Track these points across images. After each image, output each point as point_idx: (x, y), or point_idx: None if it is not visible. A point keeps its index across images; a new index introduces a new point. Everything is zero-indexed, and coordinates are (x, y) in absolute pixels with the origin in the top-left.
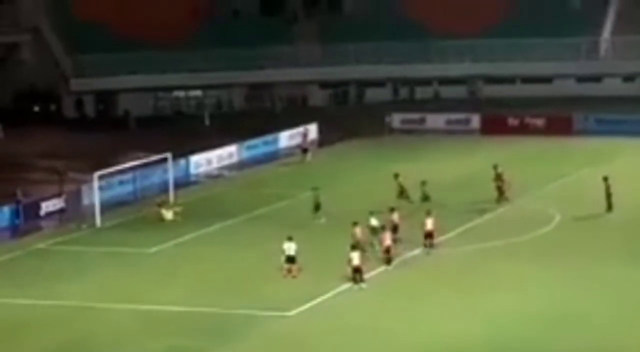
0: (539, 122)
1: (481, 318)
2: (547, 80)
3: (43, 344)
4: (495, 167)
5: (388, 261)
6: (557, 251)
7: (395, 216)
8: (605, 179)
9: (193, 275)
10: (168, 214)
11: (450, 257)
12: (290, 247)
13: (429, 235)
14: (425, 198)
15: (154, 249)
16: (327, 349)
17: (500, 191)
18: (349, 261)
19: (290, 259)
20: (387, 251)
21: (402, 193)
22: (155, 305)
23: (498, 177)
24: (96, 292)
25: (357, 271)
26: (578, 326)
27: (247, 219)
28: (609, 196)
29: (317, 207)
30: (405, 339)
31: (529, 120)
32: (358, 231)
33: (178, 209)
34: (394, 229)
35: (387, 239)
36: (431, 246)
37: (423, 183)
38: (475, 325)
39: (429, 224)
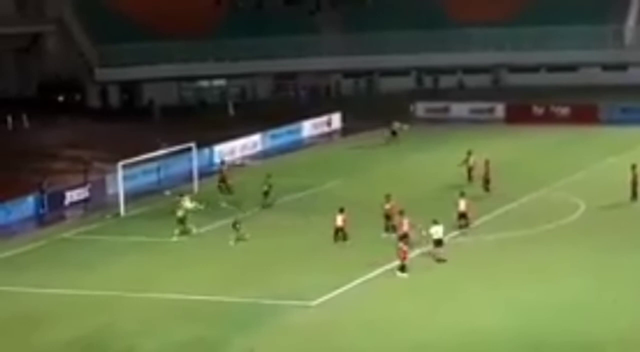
0: (564, 111)
1: (507, 309)
2: (572, 68)
3: (67, 334)
4: (469, 152)
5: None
6: (582, 240)
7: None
8: (634, 167)
9: (216, 264)
10: (187, 204)
11: (475, 247)
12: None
13: (462, 216)
14: (487, 180)
15: (177, 238)
16: (349, 339)
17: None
18: (399, 250)
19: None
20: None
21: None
22: (179, 294)
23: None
24: (120, 282)
25: (404, 259)
26: (605, 315)
27: (271, 209)
28: (635, 184)
29: (266, 193)
30: (429, 331)
31: (553, 109)
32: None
33: (201, 206)
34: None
35: (405, 224)
36: (466, 226)
37: (486, 163)
38: (501, 316)
39: (462, 205)
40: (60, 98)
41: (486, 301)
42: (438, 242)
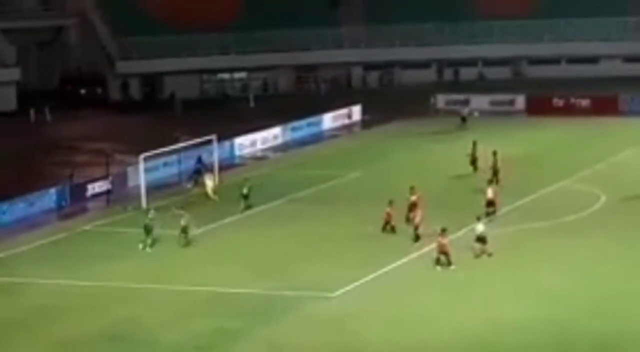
0: (585, 102)
1: (531, 300)
2: (592, 60)
3: (90, 326)
4: (474, 143)
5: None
6: (603, 231)
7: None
8: None
9: (237, 256)
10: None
11: (497, 238)
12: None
13: (490, 203)
14: (495, 171)
15: (198, 231)
16: (370, 330)
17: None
18: (438, 245)
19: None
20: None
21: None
22: (200, 286)
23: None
24: (141, 274)
25: (445, 253)
26: (629, 306)
27: (291, 201)
28: None
29: (245, 197)
30: (451, 323)
31: (574, 100)
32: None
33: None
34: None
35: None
36: (493, 213)
37: (494, 153)
38: (524, 307)
39: (490, 193)
40: (82, 91)
41: (509, 292)
42: (481, 239)
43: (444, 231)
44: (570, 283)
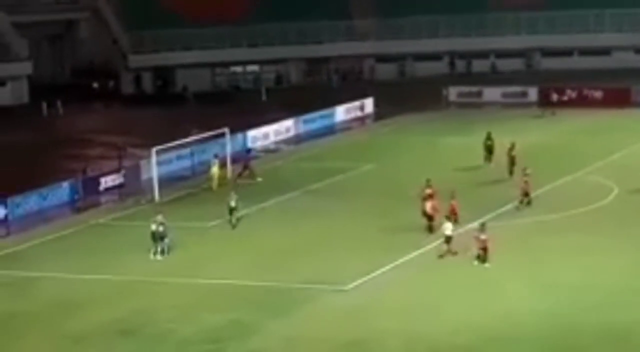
0: (597, 94)
1: (539, 292)
2: (605, 52)
3: (103, 319)
4: (489, 134)
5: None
6: (615, 223)
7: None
8: None
9: (250, 249)
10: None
11: (508, 230)
12: None
13: (526, 194)
14: (512, 162)
15: (212, 223)
16: (383, 323)
17: (512, 162)
18: (476, 239)
19: None
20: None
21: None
22: (214, 279)
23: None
24: (154, 267)
25: (484, 249)
26: (638, 299)
27: (304, 193)
28: None
29: (232, 210)
30: (463, 315)
31: (587, 92)
32: (429, 205)
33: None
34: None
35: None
36: (529, 203)
37: (512, 147)
38: (535, 299)
39: (524, 183)
40: (95, 84)
41: (518, 285)
42: (447, 239)
43: (482, 226)
44: (579, 276)
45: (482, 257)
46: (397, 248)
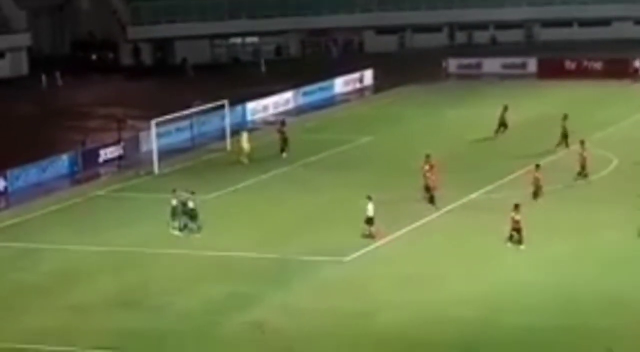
0: (597, 65)
1: (540, 263)
2: (605, 23)
3: (103, 291)
4: (505, 107)
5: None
6: (615, 194)
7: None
8: None
9: (250, 221)
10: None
11: (509, 202)
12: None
13: (583, 167)
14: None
15: (211, 195)
16: (382, 295)
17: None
18: (512, 219)
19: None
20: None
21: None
22: (213, 251)
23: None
24: (154, 239)
25: (517, 230)
26: (636, 269)
27: (304, 165)
28: None
29: (191, 213)
30: (462, 285)
31: (586, 63)
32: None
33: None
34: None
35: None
36: (585, 176)
37: (564, 117)
38: (533, 269)
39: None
40: (94, 56)
41: (519, 256)
42: (368, 220)
43: (517, 206)
44: (578, 247)
45: (516, 238)
46: (396, 220)
